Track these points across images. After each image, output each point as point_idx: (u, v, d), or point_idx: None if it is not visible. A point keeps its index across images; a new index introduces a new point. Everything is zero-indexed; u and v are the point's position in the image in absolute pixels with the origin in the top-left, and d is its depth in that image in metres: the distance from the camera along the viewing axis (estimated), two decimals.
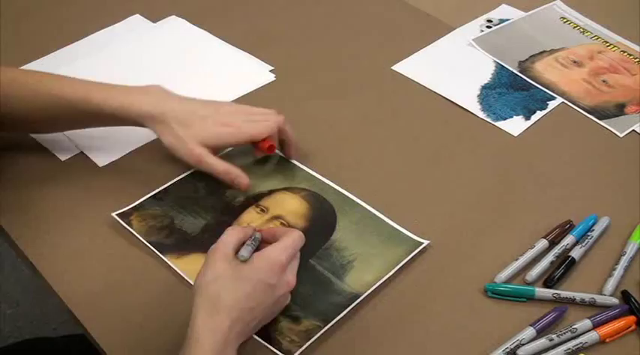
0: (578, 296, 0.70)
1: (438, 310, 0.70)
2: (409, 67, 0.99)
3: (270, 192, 0.80)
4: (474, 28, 1.08)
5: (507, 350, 0.66)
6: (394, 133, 0.90)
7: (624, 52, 1.04)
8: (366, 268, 0.72)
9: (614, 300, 0.70)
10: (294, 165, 0.83)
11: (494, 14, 1.11)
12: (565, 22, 1.10)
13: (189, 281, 0.70)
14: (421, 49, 1.02)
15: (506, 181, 0.84)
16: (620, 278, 0.72)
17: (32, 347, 0.95)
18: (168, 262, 0.72)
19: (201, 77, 0.96)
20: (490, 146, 0.88)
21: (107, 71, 0.97)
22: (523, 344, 0.66)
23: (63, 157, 0.84)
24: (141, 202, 0.78)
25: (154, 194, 0.79)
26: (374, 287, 0.70)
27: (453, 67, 1.00)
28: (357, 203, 0.79)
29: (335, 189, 0.80)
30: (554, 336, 0.67)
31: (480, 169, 0.85)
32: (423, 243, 0.75)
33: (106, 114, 0.78)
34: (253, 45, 1.01)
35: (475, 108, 0.93)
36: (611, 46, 1.05)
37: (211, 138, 0.77)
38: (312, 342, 0.66)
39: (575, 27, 1.09)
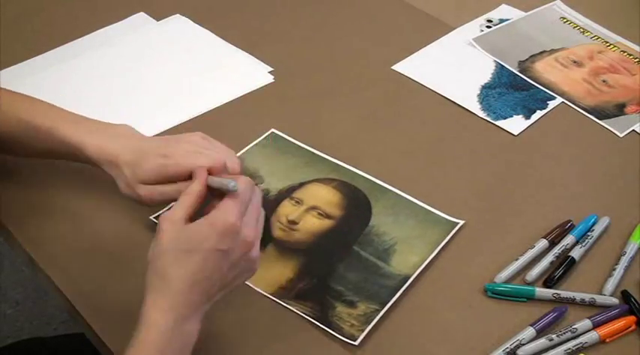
0: (578, 296, 0.70)
1: (437, 310, 0.70)
2: (409, 66, 0.99)
3: (301, 185, 0.80)
4: (474, 27, 1.08)
5: (507, 350, 0.66)
6: (394, 133, 0.90)
7: (624, 52, 1.04)
8: (409, 250, 0.74)
9: (614, 300, 0.70)
10: (321, 157, 0.84)
11: (494, 14, 1.11)
12: (565, 22, 1.10)
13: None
14: (421, 48, 1.02)
15: (506, 181, 0.84)
16: (620, 278, 0.72)
17: (31, 346, 0.95)
18: None
19: (200, 77, 0.96)
20: (490, 145, 0.88)
21: (109, 68, 0.97)
22: (523, 344, 0.66)
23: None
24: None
25: None
26: (421, 267, 0.72)
27: (453, 67, 1.00)
28: (388, 189, 0.80)
29: (364, 177, 0.81)
30: (554, 336, 0.67)
31: (480, 168, 0.85)
32: (458, 222, 0.77)
33: (65, 151, 0.73)
34: (253, 45, 1.01)
35: (475, 107, 0.93)
36: (611, 46, 1.05)
37: (147, 174, 0.69)
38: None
39: (575, 27, 1.09)
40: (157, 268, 0.59)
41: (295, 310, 0.69)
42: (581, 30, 1.08)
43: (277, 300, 0.70)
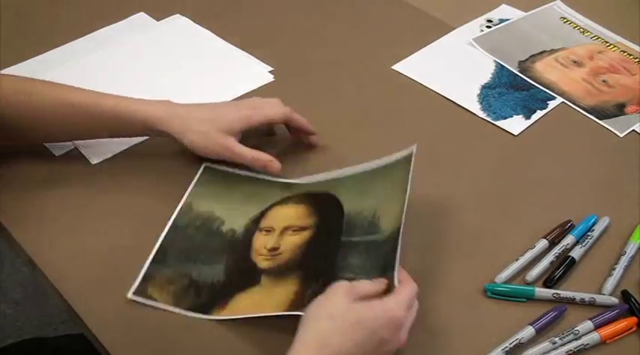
0: (578, 296, 0.70)
1: (437, 310, 0.70)
2: (409, 66, 0.99)
3: (263, 214, 0.78)
4: (474, 27, 1.08)
5: (506, 349, 0.66)
6: (394, 133, 0.90)
7: (624, 52, 1.04)
8: (389, 207, 0.72)
9: (614, 300, 0.70)
10: (264, 180, 0.81)
11: (495, 14, 1.11)
12: (565, 22, 1.10)
13: (255, 315, 0.67)
14: (421, 48, 1.03)
15: (506, 181, 0.84)
16: (620, 277, 0.72)
17: (31, 346, 0.95)
18: (220, 318, 0.68)
19: (201, 76, 0.97)
20: (490, 145, 0.88)
21: (110, 68, 0.97)
22: (522, 343, 0.66)
23: (57, 153, 0.84)
24: (146, 273, 0.72)
25: (152, 258, 0.73)
26: (404, 213, 0.68)
27: (453, 67, 1.00)
28: (344, 174, 0.79)
29: (318, 181, 0.80)
30: (557, 339, 0.66)
31: (480, 168, 0.85)
32: (411, 149, 0.73)
33: (119, 119, 0.78)
34: (253, 45, 1.01)
35: (475, 107, 0.93)
36: (611, 46, 1.05)
37: (236, 122, 0.79)
38: None
39: (575, 27, 1.09)
40: (321, 328, 0.59)
41: None
42: (582, 30, 1.08)
43: (295, 313, 0.64)
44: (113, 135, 0.82)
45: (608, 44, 1.05)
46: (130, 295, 0.70)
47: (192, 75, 0.97)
